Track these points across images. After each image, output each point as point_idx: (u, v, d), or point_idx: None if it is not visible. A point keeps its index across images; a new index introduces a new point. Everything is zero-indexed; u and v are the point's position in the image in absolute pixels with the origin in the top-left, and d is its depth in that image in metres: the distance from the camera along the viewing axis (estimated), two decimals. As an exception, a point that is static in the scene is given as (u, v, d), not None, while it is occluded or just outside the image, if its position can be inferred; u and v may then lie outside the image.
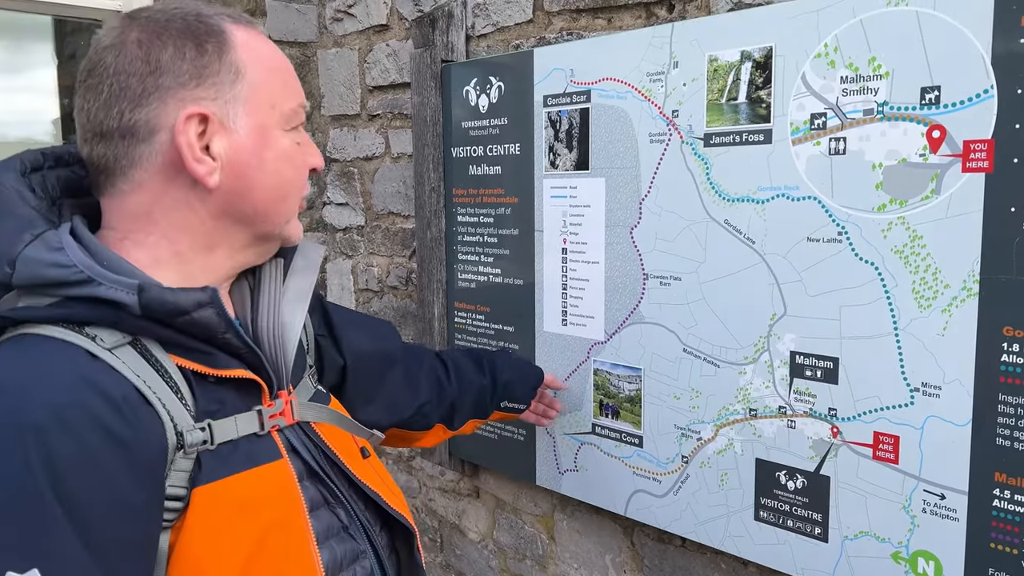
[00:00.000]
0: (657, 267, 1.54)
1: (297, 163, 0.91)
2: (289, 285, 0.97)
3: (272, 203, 0.89)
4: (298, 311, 0.96)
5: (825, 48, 1.28)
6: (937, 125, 1.17)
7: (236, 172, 0.85)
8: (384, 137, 2.33)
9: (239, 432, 0.84)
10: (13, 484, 0.67)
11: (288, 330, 0.94)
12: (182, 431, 0.78)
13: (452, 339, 2.03)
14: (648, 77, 1.51)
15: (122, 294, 0.77)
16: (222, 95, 0.83)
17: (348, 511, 0.94)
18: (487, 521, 2.16)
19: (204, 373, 0.83)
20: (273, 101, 0.87)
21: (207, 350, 0.83)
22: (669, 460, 1.57)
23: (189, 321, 0.80)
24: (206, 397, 0.82)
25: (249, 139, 0.85)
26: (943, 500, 1.22)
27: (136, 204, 0.84)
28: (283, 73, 0.90)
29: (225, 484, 0.80)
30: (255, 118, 0.86)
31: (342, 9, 2.40)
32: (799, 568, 1.40)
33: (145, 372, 0.78)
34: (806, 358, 1.35)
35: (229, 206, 0.86)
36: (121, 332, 0.78)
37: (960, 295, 1.17)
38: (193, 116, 0.81)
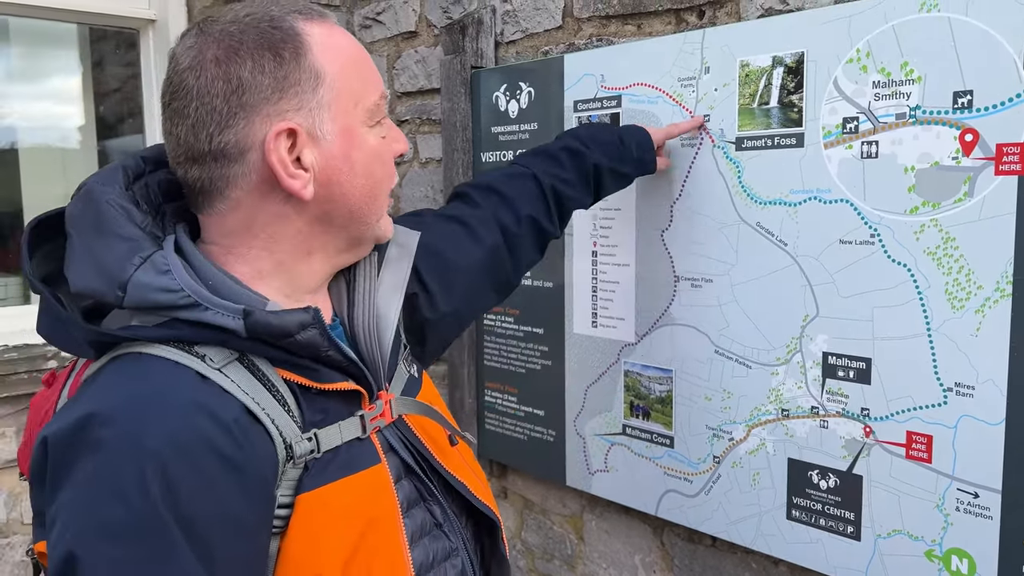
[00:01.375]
0: (689, 269, 1.56)
1: (385, 159, 0.91)
2: (384, 277, 0.97)
3: (366, 204, 0.89)
4: (393, 302, 0.96)
5: (857, 53, 1.30)
6: (970, 129, 1.19)
7: (328, 179, 0.84)
8: (412, 142, 2.37)
9: (343, 438, 0.85)
10: (135, 510, 0.70)
11: (383, 322, 0.94)
12: (291, 443, 0.80)
13: (481, 340, 2.06)
14: (679, 82, 1.54)
15: (228, 319, 0.78)
16: (306, 104, 0.82)
17: (442, 507, 0.95)
18: (515, 521, 2.18)
19: (309, 386, 0.84)
20: (356, 99, 0.86)
21: (312, 366, 0.84)
22: (700, 460, 1.59)
23: (293, 342, 0.81)
24: (311, 408, 0.83)
25: (337, 144, 0.84)
26: (977, 499, 1.23)
27: (235, 221, 0.84)
28: (361, 66, 0.88)
29: (327, 490, 0.82)
30: (340, 121, 0.84)
31: (371, 16, 2.44)
32: (832, 566, 1.41)
33: (253, 388, 0.79)
34: (839, 359, 1.37)
35: (324, 212, 0.86)
36: (229, 349, 0.80)
37: (993, 296, 1.19)
38: (282, 132, 0.80)
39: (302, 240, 0.87)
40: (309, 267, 0.89)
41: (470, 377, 2.10)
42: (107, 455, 0.71)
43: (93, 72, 2.67)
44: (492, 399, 2.06)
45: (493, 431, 2.07)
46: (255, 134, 0.80)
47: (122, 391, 0.75)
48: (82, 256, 0.79)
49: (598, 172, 1.38)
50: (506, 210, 1.25)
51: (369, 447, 0.88)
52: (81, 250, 0.79)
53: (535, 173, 1.31)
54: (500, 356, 2.02)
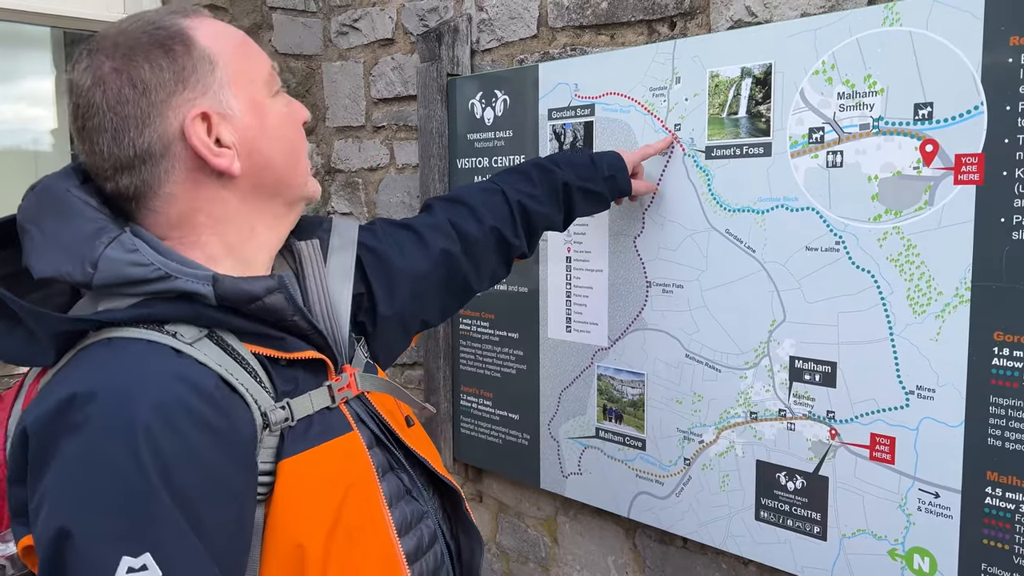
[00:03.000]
0: (660, 275, 1.59)
1: (294, 121, 0.96)
2: (331, 264, 1.03)
3: (290, 165, 0.94)
4: (344, 288, 1.02)
5: (823, 65, 1.33)
6: (930, 139, 1.23)
7: (249, 151, 0.89)
8: (389, 148, 2.38)
9: (314, 407, 0.89)
10: (126, 481, 0.72)
11: (338, 306, 1.00)
12: (266, 411, 0.84)
13: (457, 345, 2.08)
14: (651, 92, 1.57)
15: (199, 285, 0.82)
16: (208, 88, 0.87)
17: (409, 475, 1.00)
18: (490, 525, 2.19)
19: (277, 357, 0.88)
20: (251, 75, 0.91)
21: (277, 335, 0.88)
22: (672, 463, 1.61)
23: (261, 307, 0.85)
24: (281, 378, 0.88)
25: (247, 116, 0.89)
26: (937, 499, 1.27)
27: (176, 214, 0.88)
28: (246, 45, 0.93)
29: (307, 456, 0.86)
30: (243, 96, 0.89)
31: (347, 23, 2.45)
32: (799, 566, 1.44)
33: (225, 362, 0.83)
34: (805, 363, 1.40)
35: (255, 184, 0.91)
36: (198, 327, 0.83)
37: (953, 302, 1.23)
38: (196, 117, 0.85)
39: (244, 218, 0.91)
40: (257, 243, 0.93)
41: (445, 381, 2.12)
42: (93, 432, 0.73)
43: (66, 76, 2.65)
44: (467, 403, 2.08)
45: (468, 435, 2.09)
46: (172, 127, 0.85)
47: (101, 370, 0.78)
48: (47, 243, 0.82)
49: (567, 189, 1.40)
50: (468, 219, 1.28)
51: (340, 416, 0.93)
52: (44, 238, 0.82)
53: (503, 188, 1.34)
54: (475, 360, 2.03)
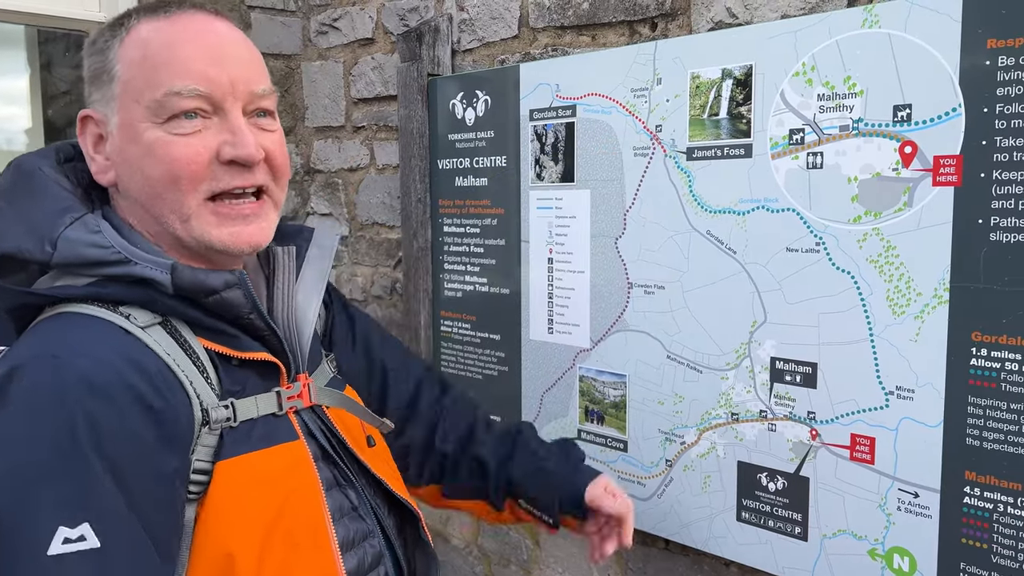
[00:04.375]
0: (641, 276, 1.59)
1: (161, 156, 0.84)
2: (305, 273, 1.01)
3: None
4: (312, 298, 0.99)
5: (803, 67, 1.34)
6: (909, 141, 1.24)
7: (119, 172, 0.88)
8: (369, 148, 2.37)
9: (259, 411, 0.87)
10: (60, 445, 0.71)
11: (303, 316, 0.98)
12: (207, 408, 0.82)
13: (439, 347, 2.07)
14: (632, 93, 1.57)
15: (156, 272, 0.81)
16: (104, 96, 0.86)
17: (358, 493, 0.97)
18: (472, 527, 2.18)
19: (228, 355, 0.86)
20: (137, 95, 0.84)
21: (232, 332, 0.87)
22: (653, 464, 1.61)
23: (218, 300, 0.84)
24: (230, 377, 0.86)
25: (118, 138, 0.86)
26: (917, 498, 1.28)
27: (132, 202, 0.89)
28: (156, 60, 0.84)
29: (246, 459, 0.84)
30: (122, 115, 0.86)
31: (327, 23, 2.43)
32: (780, 567, 1.45)
33: (174, 351, 0.82)
34: (786, 363, 1.40)
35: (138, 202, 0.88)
36: (152, 313, 0.82)
37: (931, 303, 1.23)
38: (83, 118, 0.86)
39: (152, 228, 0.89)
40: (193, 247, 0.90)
41: (427, 383, 2.11)
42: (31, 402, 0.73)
43: (41, 74, 2.62)
44: (449, 405, 2.07)
45: (450, 437, 2.08)
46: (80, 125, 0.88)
47: (45, 343, 0.78)
48: (12, 219, 0.83)
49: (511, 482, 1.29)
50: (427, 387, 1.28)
51: (286, 424, 0.91)
52: (11, 214, 0.83)
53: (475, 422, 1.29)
54: (457, 362, 2.03)
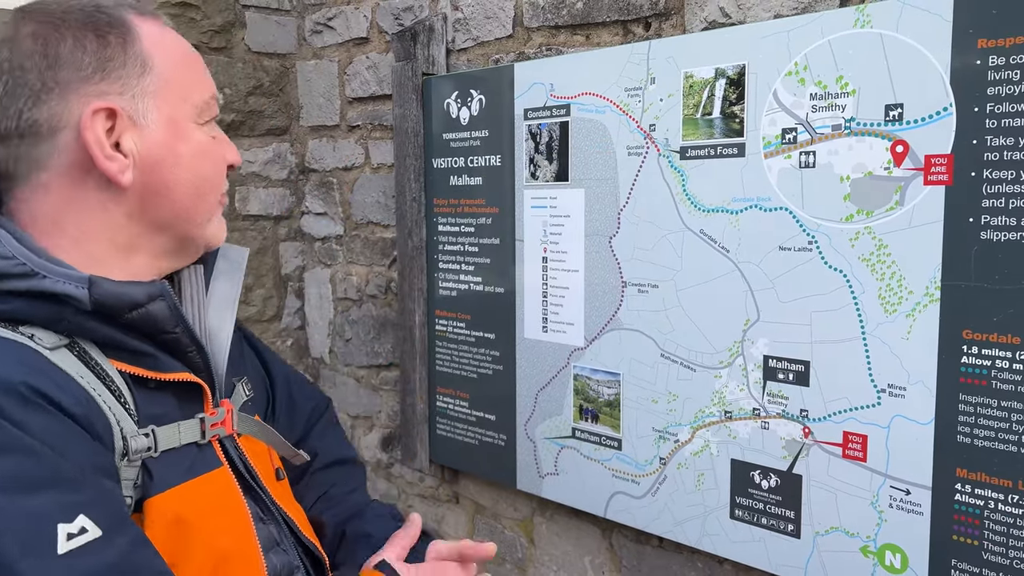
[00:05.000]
0: (635, 275, 1.60)
1: (214, 158, 0.87)
2: (214, 290, 0.92)
3: (190, 201, 0.84)
4: (227, 317, 0.91)
5: (795, 66, 1.34)
6: (900, 140, 1.24)
7: (150, 169, 0.80)
8: (364, 148, 2.37)
9: (182, 440, 0.81)
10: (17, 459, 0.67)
11: (217, 336, 0.90)
12: (127, 436, 0.75)
13: (433, 345, 2.07)
14: (626, 92, 1.57)
15: (71, 287, 0.72)
16: (129, 88, 0.78)
17: (278, 527, 0.91)
18: (467, 526, 2.19)
19: (146, 377, 0.79)
20: (184, 94, 0.83)
21: (150, 351, 0.79)
22: (647, 462, 1.62)
23: (142, 315, 0.76)
24: (148, 402, 0.79)
25: (161, 134, 0.81)
26: (908, 495, 1.28)
27: (44, 212, 0.78)
28: (193, 64, 0.86)
29: (173, 494, 0.78)
30: (166, 111, 0.81)
31: (321, 22, 2.43)
32: (773, 564, 1.45)
33: (87, 376, 0.74)
34: (778, 362, 1.41)
35: (146, 206, 0.81)
36: (57, 334, 0.74)
37: (923, 301, 1.24)
38: (100, 111, 0.76)
39: (122, 235, 0.81)
40: (127, 268, 0.82)
41: (421, 382, 2.11)
42: None
43: None
44: (444, 404, 2.07)
45: (444, 436, 2.08)
46: (70, 112, 0.76)
47: None
48: None
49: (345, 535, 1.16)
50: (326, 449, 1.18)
51: (210, 451, 0.85)
52: None
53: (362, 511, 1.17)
54: (451, 361, 2.03)
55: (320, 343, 2.63)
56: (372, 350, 2.43)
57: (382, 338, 2.38)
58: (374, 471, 2.50)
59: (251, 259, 2.46)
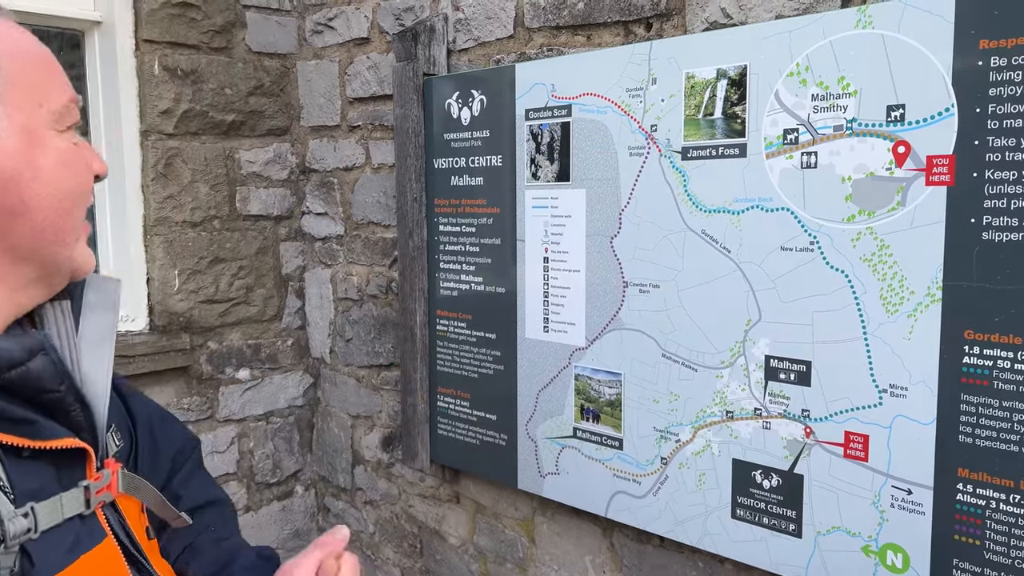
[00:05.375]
0: (636, 275, 1.60)
1: (78, 168, 0.76)
2: (85, 328, 0.80)
3: (54, 219, 0.73)
4: (102, 358, 0.80)
5: (797, 67, 1.35)
6: (902, 141, 1.25)
7: (4, 186, 0.69)
8: (364, 148, 2.37)
9: (64, 514, 0.70)
10: None
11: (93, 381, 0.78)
12: (3, 519, 0.64)
13: (434, 346, 2.07)
14: (627, 93, 1.57)
15: None
16: None
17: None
18: (467, 526, 2.19)
19: (21, 446, 0.67)
20: (39, 98, 0.72)
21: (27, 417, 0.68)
22: (649, 462, 1.62)
23: (21, 374, 0.66)
24: (22, 476, 0.67)
25: (14, 143, 0.69)
26: (910, 495, 1.29)
27: None
28: (47, 65, 0.75)
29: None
30: (18, 119, 0.70)
31: (322, 22, 2.44)
32: (774, 563, 1.46)
33: None
34: (780, 362, 1.41)
35: (2, 230, 0.70)
36: None
37: (924, 301, 1.24)
38: None
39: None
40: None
41: (422, 382, 2.11)
42: None
43: None
44: (445, 404, 2.07)
45: (445, 436, 2.08)
46: None
47: None
48: None
49: None
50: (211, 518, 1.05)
51: (93, 523, 0.74)
52: None
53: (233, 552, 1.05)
54: (453, 361, 2.03)
55: (321, 343, 2.63)
56: (373, 350, 2.43)
57: (383, 338, 2.38)
58: (374, 471, 2.50)
59: (252, 258, 2.47)
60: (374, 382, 2.45)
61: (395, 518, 2.45)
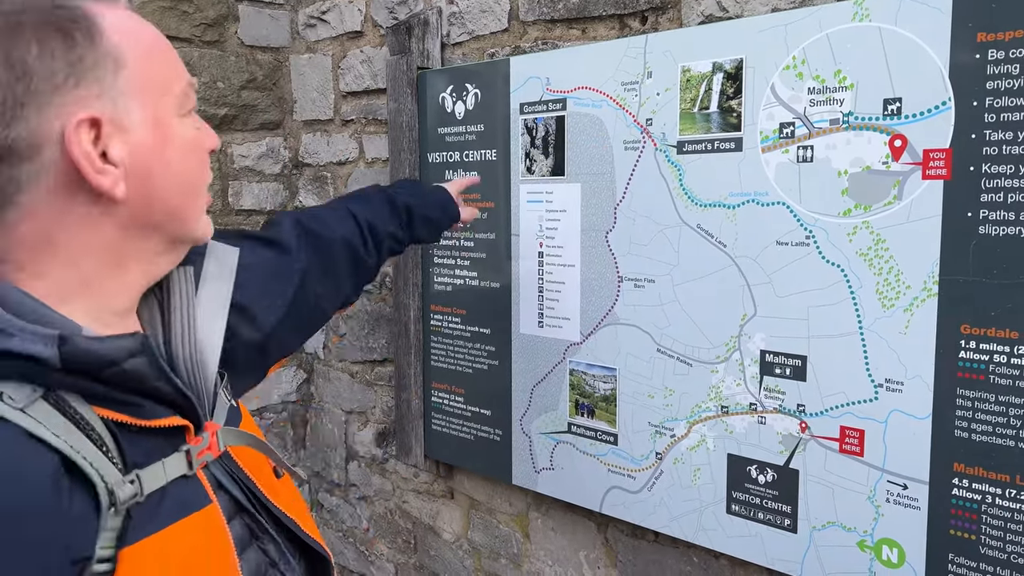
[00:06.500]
0: (631, 270, 1.59)
1: (200, 151, 0.82)
2: (203, 295, 0.87)
3: (184, 200, 0.80)
4: (216, 325, 0.86)
5: (793, 60, 1.34)
6: (899, 135, 1.24)
7: (141, 176, 0.75)
8: (358, 142, 2.36)
9: (167, 477, 0.75)
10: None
11: (206, 347, 0.84)
12: (112, 488, 0.69)
13: (428, 341, 2.06)
14: (623, 86, 1.56)
15: (39, 347, 0.66)
16: (107, 90, 0.72)
17: (276, 545, 0.87)
18: (462, 521, 2.19)
19: (130, 423, 0.73)
20: (163, 86, 0.77)
21: (134, 400, 0.74)
22: (643, 457, 1.62)
23: (118, 372, 0.71)
24: (132, 447, 0.73)
25: (148, 135, 0.75)
26: (905, 490, 1.28)
27: (30, 233, 0.72)
28: (164, 52, 0.79)
29: (154, 541, 0.72)
30: (149, 110, 0.75)
31: (315, 15, 2.42)
32: (769, 559, 1.45)
33: (66, 431, 0.68)
34: (776, 356, 1.41)
35: (139, 214, 0.76)
36: (33, 385, 0.68)
37: (921, 295, 1.24)
38: (83, 122, 0.70)
39: (114, 250, 0.76)
40: (122, 282, 0.78)
41: (416, 378, 2.10)
42: None
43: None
44: (439, 399, 2.06)
45: (440, 431, 2.08)
46: (49, 127, 0.69)
47: None
48: None
49: (409, 212, 1.44)
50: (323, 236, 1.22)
51: (197, 486, 0.79)
52: None
53: (350, 209, 1.33)
54: (447, 357, 2.02)
55: (314, 339, 2.62)
56: (367, 345, 2.42)
57: (376, 333, 2.37)
58: (368, 467, 2.49)
59: (244, 254, 2.45)
60: (368, 378, 2.44)
61: (389, 514, 2.44)
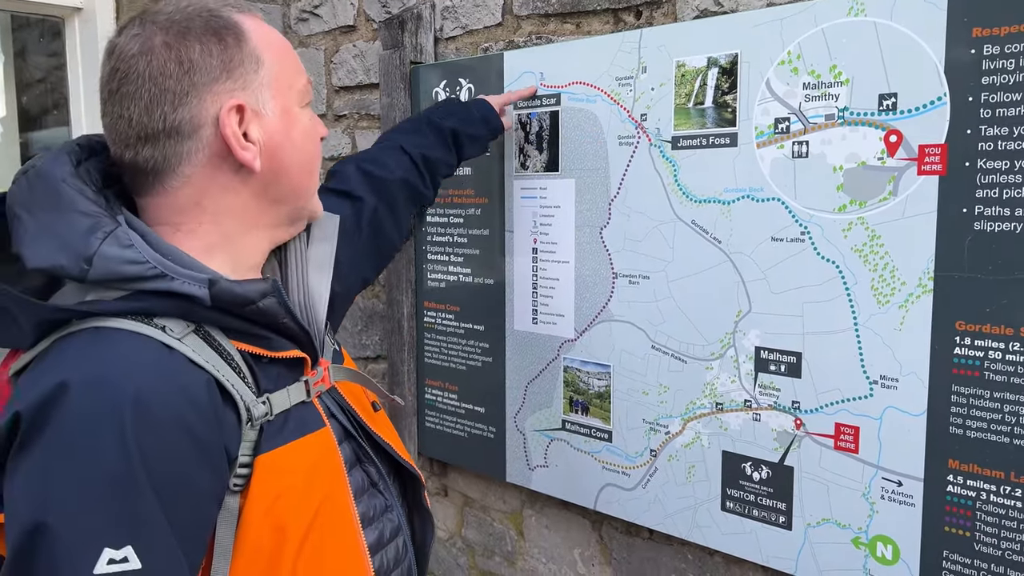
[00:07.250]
0: (626, 266, 1.58)
1: (315, 138, 1.00)
2: (311, 255, 1.05)
3: (303, 178, 0.98)
4: (323, 279, 1.05)
5: (788, 55, 1.33)
6: (894, 130, 1.23)
7: (272, 154, 0.92)
8: (351, 137, 2.34)
9: (291, 401, 0.93)
10: (111, 469, 0.74)
11: (316, 297, 1.03)
12: (249, 407, 0.87)
13: (422, 338, 2.05)
14: (617, 81, 1.55)
15: (194, 288, 0.84)
16: (250, 84, 0.90)
17: (376, 467, 1.03)
18: (455, 519, 2.18)
19: (261, 355, 0.91)
20: (290, 82, 0.95)
21: (265, 335, 0.92)
22: (638, 454, 1.61)
23: (255, 310, 0.88)
24: (264, 375, 0.91)
25: (279, 121, 0.93)
26: (900, 487, 1.28)
27: (186, 196, 0.90)
28: (291, 54, 0.98)
29: (282, 452, 0.89)
30: (279, 100, 0.93)
31: (308, 9, 2.40)
32: (764, 556, 1.45)
33: (213, 359, 0.85)
34: (770, 353, 1.40)
35: (268, 186, 0.94)
36: (187, 321, 0.85)
37: (916, 292, 1.24)
38: (233, 108, 0.88)
39: (248, 214, 0.94)
40: (252, 241, 0.96)
41: (410, 375, 2.09)
42: (80, 421, 0.74)
43: (15, 62, 2.56)
44: (432, 396, 2.06)
45: (433, 428, 2.07)
46: (207, 111, 0.88)
47: (93, 361, 0.78)
48: (39, 233, 0.82)
49: (455, 135, 1.55)
50: (384, 177, 1.39)
51: (313, 411, 0.96)
52: (37, 227, 0.82)
53: (401, 144, 1.47)
54: (440, 353, 2.01)
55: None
56: (360, 342, 2.41)
57: (370, 330, 2.36)
58: (362, 464, 2.48)
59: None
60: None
61: (383, 511, 2.43)
